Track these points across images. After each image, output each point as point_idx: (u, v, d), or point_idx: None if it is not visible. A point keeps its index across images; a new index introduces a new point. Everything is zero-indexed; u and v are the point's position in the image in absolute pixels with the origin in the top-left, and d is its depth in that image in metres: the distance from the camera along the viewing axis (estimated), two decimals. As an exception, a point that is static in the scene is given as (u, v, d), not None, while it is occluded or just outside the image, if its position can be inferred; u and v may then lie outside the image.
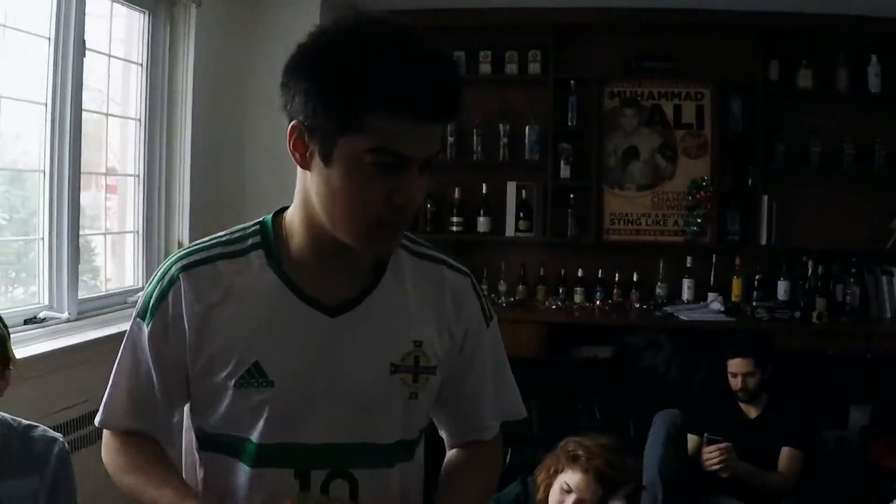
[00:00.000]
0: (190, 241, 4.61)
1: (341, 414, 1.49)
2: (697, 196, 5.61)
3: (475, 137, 5.79)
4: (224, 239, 1.53)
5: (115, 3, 4.38)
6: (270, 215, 1.55)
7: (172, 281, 1.47)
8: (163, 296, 1.47)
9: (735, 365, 4.22)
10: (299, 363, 1.46)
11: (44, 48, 3.84)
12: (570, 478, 3.17)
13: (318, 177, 1.39)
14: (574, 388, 4.59)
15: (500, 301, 5.73)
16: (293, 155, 1.42)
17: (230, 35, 5.15)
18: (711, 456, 3.96)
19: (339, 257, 1.47)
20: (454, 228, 5.83)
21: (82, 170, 4.01)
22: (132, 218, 4.72)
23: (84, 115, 4.03)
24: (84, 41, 3.97)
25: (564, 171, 5.61)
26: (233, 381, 1.45)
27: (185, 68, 4.78)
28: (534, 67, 5.65)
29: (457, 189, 5.84)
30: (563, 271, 5.73)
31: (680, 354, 4.71)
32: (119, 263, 4.73)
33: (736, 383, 4.22)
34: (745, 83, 5.60)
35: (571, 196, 5.65)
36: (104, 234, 4.56)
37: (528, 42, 5.67)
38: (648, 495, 3.94)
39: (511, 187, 5.75)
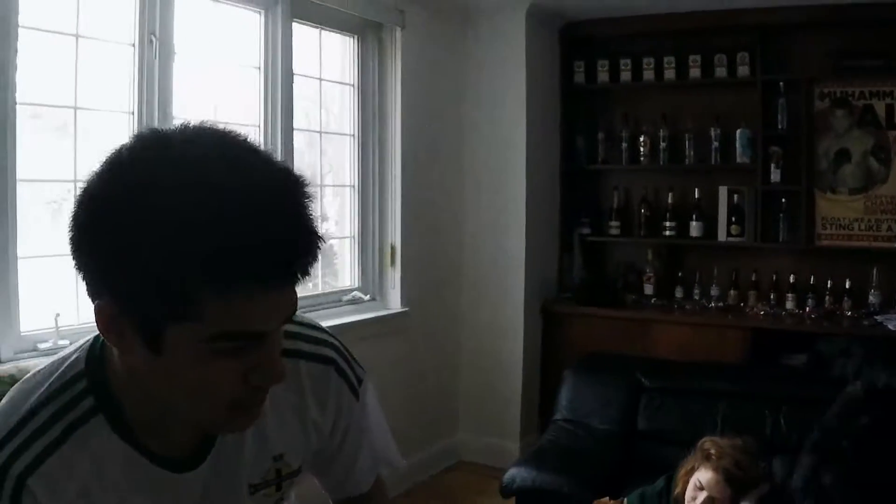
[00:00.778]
0: (402, 245, 5.12)
1: None
2: (913, 200, 5.38)
3: (687, 142, 5.84)
4: (52, 411, 1.20)
5: (325, 32, 4.86)
6: (87, 357, 1.24)
7: (19, 489, 1.16)
8: None
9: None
10: None
11: (255, 76, 4.37)
12: (703, 475, 3.26)
13: (147, 364, 1.10)
14: (762, 395, 4.58)
15: (710, 306, 5.76)
16: (106, 337, 1.13)
17: (435, 53, 5.54)
18: None
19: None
20: (667, 233, 5.92)
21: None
22: (349, 224, 5.21)
23: (302, 133, 4.56)
24: (291, 68, 4.48)
25: (775, 175, 5.54)
26: None
27: (393, 86, 5.22)
28: (742, 70, 5.62)
29: (670, 194, 5.92)
30: (774, 277, 5.67)
31: (872, 363, 4.56)
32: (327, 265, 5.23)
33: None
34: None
35: (783, 200, 5.58)
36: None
37: (735, 44, 5.64)
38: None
39: (723, 192, 5.75)
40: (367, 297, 5.21)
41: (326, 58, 4.92)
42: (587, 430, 4.47)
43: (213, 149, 1.07)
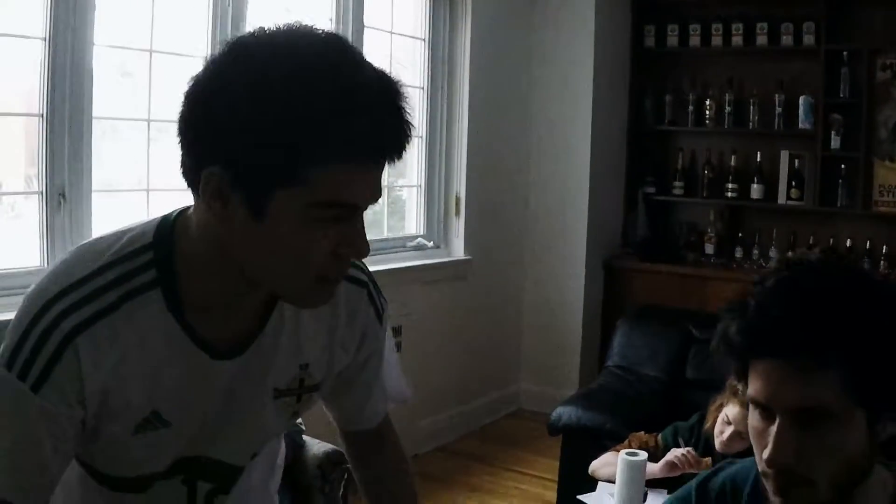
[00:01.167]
0: (467, 196, 5.38)
1: (234, 444, 1.47)
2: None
3: (751, 107, 5.98)
4: (112, 276, 1.26)
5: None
6: (156, 232, 1.31)
7: (65, 343, 1.23)
8: (54, 360, 1.23)
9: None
10: (196, 407, 1.36)
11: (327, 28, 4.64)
12: (730, 410, 3.40)
13: (246, 232, 1.20)
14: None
15: (766, 266, 5.90)
16: (208, 206, 1.20)
17: (505, 10, 5.78)
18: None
19: (245, 299, 1.35)
20: (729, 195, 6.07)
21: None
22: (415, 174, 5.47)
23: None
24: (363, 21, 4.74)
25: (835, 142, 5.65)
26: (131, 431, 1.32)
27: (463, 42, 5.46)
28: (808, 39, 5.72)
29: (733, 157, 6.07)
30: (831, 240, 5.79)
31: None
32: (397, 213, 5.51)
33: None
34: None
35: (842, 167, 5.68)
36: (386, 187, 5.34)
37: (802, 13, 5.74)
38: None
39: (784, 156, 5.87)
40: (431, 245, 5.47)
41: (398, 12, 5.17)
42: (637, 377, 4.67)
43: (325, 42, 1.20)
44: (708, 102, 6.12)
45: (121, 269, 1.27)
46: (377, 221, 5.22)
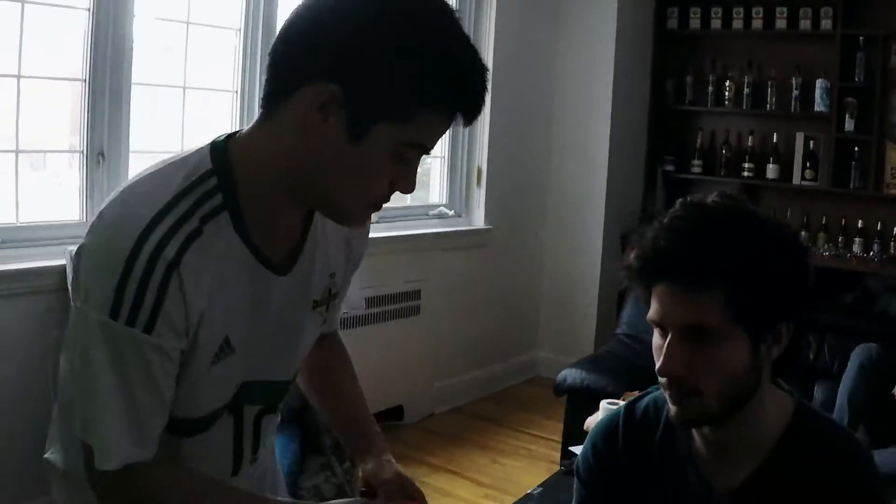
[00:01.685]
0: (489, 168, 5.60)
1: (285, 360, 1.53)
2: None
3: (769, 89, 6.14)
4: (189, 203, 1.28)
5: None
6: (212, 157, 1.33)
7: (170, 272, 1.23)
8: (162, 293, 1.23)
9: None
10: (257, 327, 1.40)
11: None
12: None
13: (334, 148, 1.25)
14: (809, 323, 4.91)
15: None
16: (305, 117, 1.25)
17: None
18: (904, 391, 4.17)
19: (289, 218, 1.41)
20: (745, 174, 6.24)
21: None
22: (439, 146, 5.68)
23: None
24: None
25: (849, 125, 5.80)
26: (209, 363, 1.35)
27: (488, 14, 5.66)
28: (825, 24, 5.87)
29: (750, 137, 6.24)
30: (843, 221, 5.96)
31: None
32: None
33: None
34: None
35: (856, 149, 5.83)
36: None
37: (821, -1, 5.91)
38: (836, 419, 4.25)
39: (800, 138, 6.05)
40: (452, 213, 5.70)
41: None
42: (644, 345, 4.82)
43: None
44: (727, 84, 6.29)
45: (193, 195, 1.29)
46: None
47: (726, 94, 6.30)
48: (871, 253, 5.80)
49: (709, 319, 1.47)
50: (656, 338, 1.56)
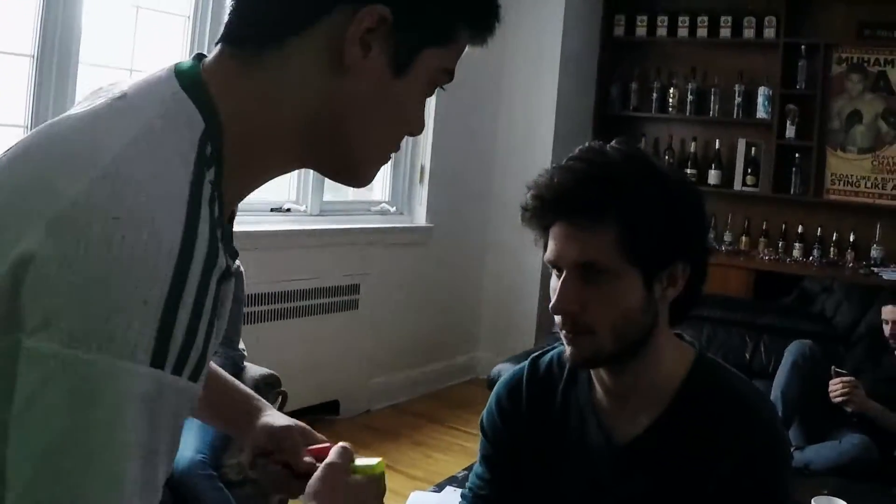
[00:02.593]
0: (431, 166, 5.60)
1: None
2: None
3: (712, 96, 6.20)
4: (208, 179, 0.92)
5: None
6: (200, 109, 0.95)
7: (220, 283, 0.92)
8: (213, 318, 0.90)
9: (888, 312, 4.38)
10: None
11: None
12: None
13: (375, 86, 1.01)
14: (745, 324, 4.96)
15: (721, 249, 6.12)
16: (349, 47, 0.98)
17: None
18: (835, 387, 4.16)
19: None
20: (688, 180, 6.27)
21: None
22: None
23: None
24: None
25: (790, 131, 5.87)
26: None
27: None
28: (769, 32, 5.94)
29: (693, 143, 6.29)
30: (784, 226, 6.01)
31: (851, 299, 4.88)
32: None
33: (887, 330, 4.38)
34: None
35: (797, 155, 5.90)
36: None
37: (765, 8, 5.97)
38: (767, 416, 4.27)
39: (741, 144, 6.11)
40: (394, 210, 5.67)
41: None
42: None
43: None
44: (672, 91, 6.34)
45: (207, 176, 0.92)
46: (341, 185, 5.41)
47: (670, 100, 6.36)
48: (811, 258, 5.85)
49: (601, 257, 1.47)
50: (553, 279, 1.55)
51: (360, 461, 1.26)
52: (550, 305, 1.53)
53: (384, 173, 5.70)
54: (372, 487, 1.24)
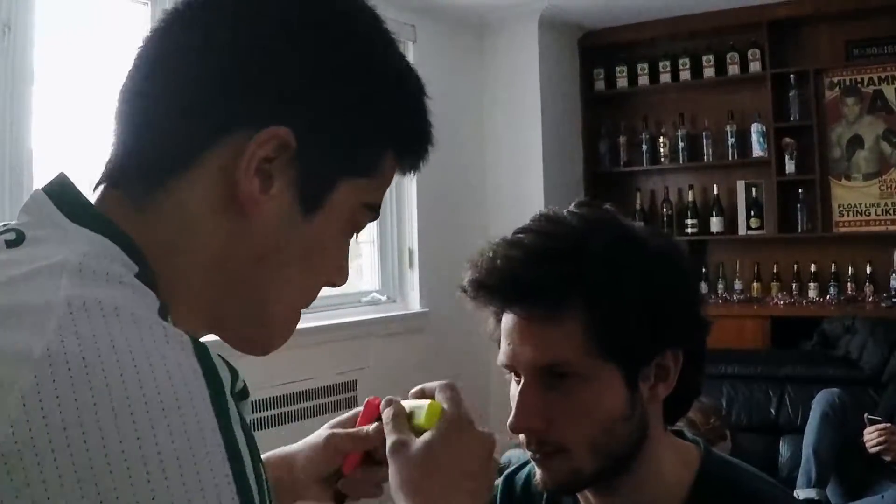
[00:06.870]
0: (420, 248, 5.34)
1: None
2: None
3: (704, 140, 5.95)
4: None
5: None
6: (126, 252, 0.76)
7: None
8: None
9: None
10: None
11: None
12: None
13: (281, 228, 0.82)
14: (767, 377, 4.66)
15: (733, 299, 5.82)
16: (246, 178, 0.78)
17: (449, 65, 5.75)
18: (871, 437, 3.88)
19: None
20: (689, 230, 5.99)
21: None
22: (367, 229, 5.42)
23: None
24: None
25: (789, 166, 5.60)
26: None
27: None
28: (754, 66, 5.72)
29: (690, 192, 6.02)
30: (795, 267, 5.71)
31: (876, 337, 4.57)
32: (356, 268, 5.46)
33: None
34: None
35: (799, 190, 5.63)
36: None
37: (746, 41, 5.74)
38: (803, 474, 3.97)
39: (740, 186, 5.84)
40: (385, 299, 5.41)
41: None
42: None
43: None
44: (661, 140, 6.10)
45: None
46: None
47: (661, 150, 6.10)
48: (829, 296, 5.53)
49: (566, 356, 1.15)
50: (512, 386, 1.23)
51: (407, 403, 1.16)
52: (508, 423, 1.20)
53: (371, 261, 5.46)
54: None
